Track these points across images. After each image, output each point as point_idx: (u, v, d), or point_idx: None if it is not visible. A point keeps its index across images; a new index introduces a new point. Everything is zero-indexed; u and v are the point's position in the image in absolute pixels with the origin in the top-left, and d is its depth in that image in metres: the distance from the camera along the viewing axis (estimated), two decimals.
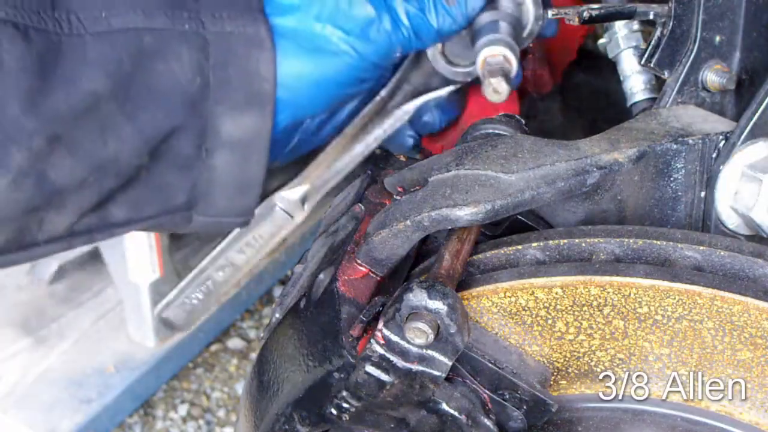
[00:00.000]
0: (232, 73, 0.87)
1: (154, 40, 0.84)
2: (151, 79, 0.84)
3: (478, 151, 0.79)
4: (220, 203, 0.92)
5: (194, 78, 0.86)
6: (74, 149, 0.82)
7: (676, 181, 0.82)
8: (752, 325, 0.69)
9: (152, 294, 2.08)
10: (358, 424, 0.73)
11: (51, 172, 0.82)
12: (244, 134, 0.89)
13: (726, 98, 0.90)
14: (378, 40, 0.93)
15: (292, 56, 0.91)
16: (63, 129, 0.81)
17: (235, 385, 2.26)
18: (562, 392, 0.76)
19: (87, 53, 0.82)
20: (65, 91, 0.80)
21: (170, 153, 0.87)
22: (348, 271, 0.76)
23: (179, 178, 0.89)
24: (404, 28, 0.94)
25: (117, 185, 0.86)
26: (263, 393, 0.80)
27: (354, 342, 0.71)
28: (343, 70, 0.93)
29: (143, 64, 0.84)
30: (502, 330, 0.74)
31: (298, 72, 0.91)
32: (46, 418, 1.96)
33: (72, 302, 2.18)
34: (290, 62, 0.91)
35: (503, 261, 0.76)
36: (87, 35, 0.82)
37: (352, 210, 0.84)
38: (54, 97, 0.80)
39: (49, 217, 0.84)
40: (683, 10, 0.87)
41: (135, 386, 2.08)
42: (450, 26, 0.96)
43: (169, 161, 0.87)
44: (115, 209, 0.88)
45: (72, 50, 0.81)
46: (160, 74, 0.85)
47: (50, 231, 0.85)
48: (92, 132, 0.83)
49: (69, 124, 0.81)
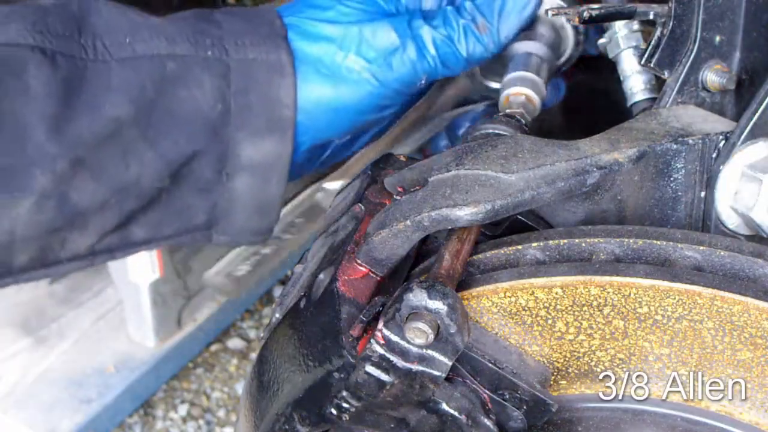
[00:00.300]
0: (253, 100, 0.88)
1: (177, 66, 0.85)
2: (173, 104, 0.85)
3: (478, 151, 0.79)
4: (240, 223, 0.93)
5: (215, 104, 0.86)
6: (97, 173, 0.83)
7: (676, 181, 0.82)
8: (752, 325, 0.69)
9: (152, 294, 2.08)
10: (358, 424, 0.73)
11: (73, 194, 0.83)
12: (264, 159, 0.90)
13: (726, 98, 0.90)
14: (401, 69, 0.92)
15: (312, 82, 0.91)
16: (86, 153, 0.82)
17: (235, 385, 2.26)
18: (562, 392, 0.76)
19: (111, 79, 0.83)
20: (89, 116, 0.81)
21: (191, 176, 0.88)
22: (348, 271, 0.76)
23: (199, 200, 0.90)
24: (430, 57, 0.93)
25: (138, 207, 0.87)
26: (263, 393, 0.80)
27: (354, 342, 0.71)
28: (364, 98, 0.92)
29: (166, 90, 0.85)
30: (502, 330, 0.74)
31: (317, 98, 0.91)
32: (46, 418, 1.96)
33: (72, 302, 2.18)
34: (310, 88, 0.90)
35: (503, 261, 0.76)
36: (112, 61, 0.83)
37: (352, 210, 0.84)
38: (78, 122, 0.81)
39: (71, 238, 0.85)
40: (683, 10, 0.86)
41: (135, 386, 2.08)
42: (481, 54, 0.94)
43: (190, 184, 0.88)
44: (137, 229, 0.89)
45: (97, 76, 0.82)
46: (182, 100, 0.85)
47: (72, 250, 0.86)
48: (115, 156, 0.83)
49: (92, 149, 0.82)
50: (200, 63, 0.86)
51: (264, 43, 0.89)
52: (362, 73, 0.91)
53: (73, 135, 0.81)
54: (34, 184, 0.80)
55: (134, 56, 0.84)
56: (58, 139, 0.80)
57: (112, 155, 0.83)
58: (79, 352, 2.10)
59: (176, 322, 2.18)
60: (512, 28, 0.95)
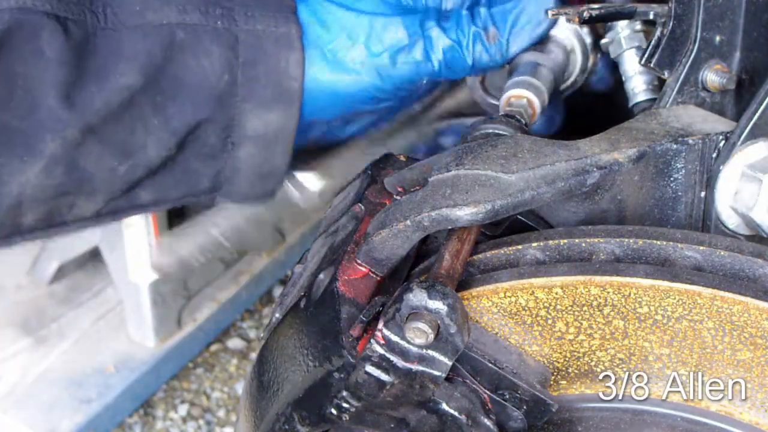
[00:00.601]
0: (261, 72, 0.88)
1: (187, 35, 0.86)
2: (181, 73, 0.86)
3: (478, 151, 0.79)
4: (243, 188, 0.94)
5: (222, 75, 0.87)
6: (106, 140, 0.84)
7: (676, 181, 0.82)
8: (752, 325, 0.69)
9: (152, 294, 2.08)
10: (358, 424, 0.73)
11: (82, 161, 0.84)
12: (270, 130, 0.91)
13: (726, 98, 0.90)
14: (404, 68, 0.93)
15: (316, 65, 0.91)
16: (96, 121, 0.83)
17: (235, 385, 2.26)
18: (562, 392, 0.76)
19: (122, 47, 0.83)
20: (100, 84, 0.82)
21: (197, 144, 0.89)
22: (348, 271, 0.76)
23: (204, 166, 0.91)
24: (435, 60, 0.93)
25: (145, 174, 0.88)
26: (263, 393, 0.80)
27: (354, 342, 0.71)
28: (363, 89, 0.93)
29: (174, 57, 0.85)
30: (502, 330, 0.74)
31: (318, 79, 0.91)
32: (46, 418, 1.96)
33: (72, 302, 2.18)
34: (313, 69, 0.91)
35: (503, 261, 0.76)
36: (123, 29, 0.83)
37: (352, 210, 0.84)
38: (89, 89, 0.82)
39: (78, 202, 0.87)
40: (683, 10, 0.86)
41: (135, 386, 2.08)
42: (486, 63, 0.95)
43: (196, 151, 0.89)
44: (142, 192, 0.90)
45: (107, 43, 0.83)
46: (191, 69, 0.86)
47: (79, 213, 0.88)
48: (124, 124, 0.84)
49: (102, 117, 0.83)
50: (209, 33, 0.86)
51: (273, 16, 0.89)
52: (365, 66, 0.92)
53: (84, 102, 0.81)
54: (44, 148, 0.81)
55: (144, 24, 0.84)
56: (70, 106, 0.81)
57: (122, 123, 0.84)
58: (79, 352, 2.10)
59: (176, 322, 2.18)
60: (522, 43, 0.95)
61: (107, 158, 0.85)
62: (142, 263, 2.01)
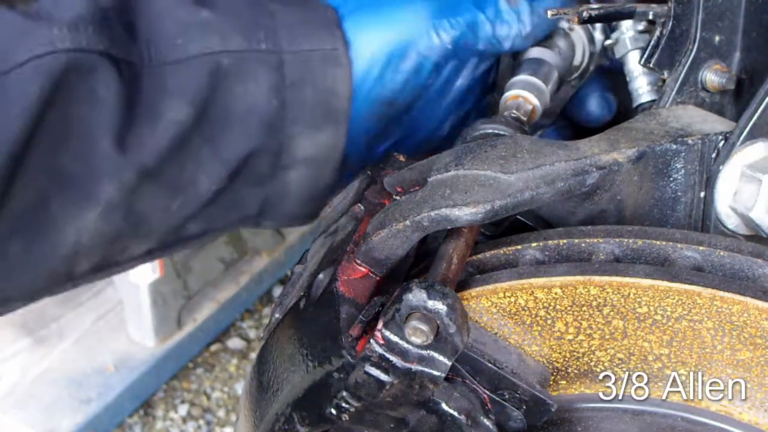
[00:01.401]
0: (308, 92, 0.86)
1: (231, 61, 0.83)
2: (229, 102, 0.83)
3: (478, 151, 0.79)
4: (290, 211, 0.92)
5: (271, 99, 0.85)
6: (161, 180, 0.82)
7: (675, 181, 0.82)
8: (752, 325, 0.69)
9: (152, 294, 2.08)
10: (358, 424, 0.73)
11: (139, 204, 0.81)
12: (319, 151, 0.88)
13: (725, 98, 0.90)
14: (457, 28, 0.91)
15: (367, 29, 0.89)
16: (151, 161, 0.80)
17: (235, 385, 2.26)
18: (562, 392, 0.76)
19: (167, 83, 0.81)
20: (151, 123, 0.80)
21: (248, 173, 0.87)
22: (347, 271, 0.76)
23: (253, 193, 0.89)
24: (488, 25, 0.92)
25: (198, 209, 0.86)
26: (263, 393, 0.80)
27: (353, 342, 0.71)
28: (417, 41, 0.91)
29: (221, 86, 0.83)
30: (502, 330, 0.74)
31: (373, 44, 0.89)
32: (46, 418, 1.96)
33: (72, 302, 2.18)
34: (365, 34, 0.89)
35: (503, 261, 0.76)
36: (166, 65, 0.81)
37: (352, 210, 0.84)
38: (140, 130, 0.79)
39: (133, 245, 0.85)
40: (683, 10, 0.86)
41: (135, 386, 2.08)
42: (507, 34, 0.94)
43: (245, 180, 0.87)
44: (192, 226, 0.88)
45: (153, 81, 0.80)
46: (238, 97, 0.83)
47: (132, 254, 0.86)
48: (178, 162, 0.82)
49: (156, 156, 0.80)
50: (254, 57, 0.84)
51: (318, 32, 0.87)
52: (419, 15, 0.90)
53: (139, 144, 0.79)
54: (101, 194, 0.78)
55: (188, 57, 0.81)
56: (124, 148, 0.78)
57: (176, 161, 0.82)
58: (79, 352, 2.10)
59: (176, 322, 2.18)
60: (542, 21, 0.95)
61: (161, 198, 0.82)
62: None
